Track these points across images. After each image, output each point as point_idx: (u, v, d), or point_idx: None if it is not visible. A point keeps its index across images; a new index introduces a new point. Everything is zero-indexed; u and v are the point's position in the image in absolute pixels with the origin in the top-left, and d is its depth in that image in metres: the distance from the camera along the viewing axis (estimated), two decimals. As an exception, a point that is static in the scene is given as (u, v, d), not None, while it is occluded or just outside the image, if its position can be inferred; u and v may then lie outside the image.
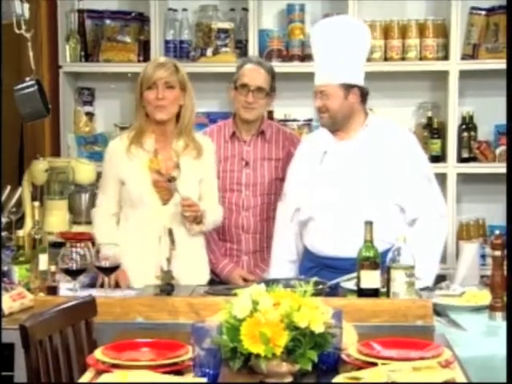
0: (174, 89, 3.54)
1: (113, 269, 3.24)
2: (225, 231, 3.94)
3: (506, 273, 3.11)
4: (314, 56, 3.66)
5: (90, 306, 2.81)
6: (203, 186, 3.63)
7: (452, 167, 4.80)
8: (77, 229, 4.25)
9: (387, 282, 3.07)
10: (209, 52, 4.92)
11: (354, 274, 3.15)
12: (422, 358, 2.31)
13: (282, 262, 3.70)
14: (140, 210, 3.57)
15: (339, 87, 3.52)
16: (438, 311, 3.12)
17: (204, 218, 3.57)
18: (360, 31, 3.62)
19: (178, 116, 3.60)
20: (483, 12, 4.86)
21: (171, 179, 3.46)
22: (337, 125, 3.59)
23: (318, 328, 2.20)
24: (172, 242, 3.38)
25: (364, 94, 3.58)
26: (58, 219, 4.33)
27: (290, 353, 2.19)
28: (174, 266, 3.33)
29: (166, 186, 3.53)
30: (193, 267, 3.59)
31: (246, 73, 3.86)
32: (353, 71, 3.54)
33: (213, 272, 3.92)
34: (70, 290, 3.20)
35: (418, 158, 3.65)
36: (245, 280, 3.84)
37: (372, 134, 3.59)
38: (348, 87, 3.52)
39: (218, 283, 3.81)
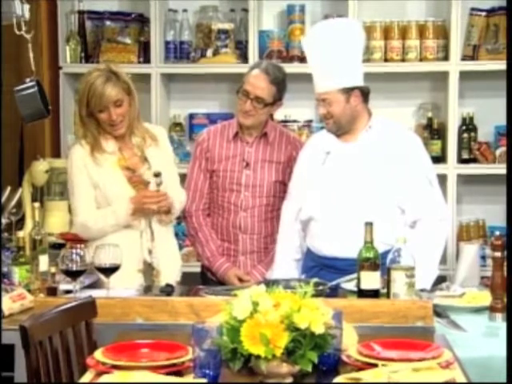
0: (123, 101, 3.56)
1: (113, 269, 3.23)
2: (222, 231, 3.93)
3: (506, 274, 3.11)
4: (310, 65, 3.63)
5: (90, 306, 2.81)
6: (167, 172, 3.65)
7: (452, 168, 4.80)
8: (77, 230, 4.24)
9: (387, 282, 3.07)
10: (209, 53, 4.92)
11: (355, 275, 3.15)
12: (422, 359, 2.31)
13: (286, 259, 3.69)
14: None
15: (339, 92, 3.50)
16: (438, 312, 3.12)
17: (172, 207, 3.64)
18: (350, 31, 3.57)
19: None
20: (483, 13, 4.86)
21: (158, 174, 3.53)
22: (342, 129, 3.58)
23: (318, 329, 2.20)
24: (152, 233, 3.59)
25: (365, 94, 3.58)
26: (58, 220, 4.33)
27: (290, 354, 2.19)
28: (154, 257, 3.57)
29: (139, 180, 3.60)
30: (169, 256, 3.67)
31: (249, 80, 3.80)
32: (350, 73, 3.52)
33: (209, 270, 3.94)
34: (70, 291, 3.20)
35: (421, 160, 3.63)
36: (240, 280, 3.84)
37: (375, 136, 3.58)
38: (348, 90, 3.51)
39: (215, 283, 3.82)
